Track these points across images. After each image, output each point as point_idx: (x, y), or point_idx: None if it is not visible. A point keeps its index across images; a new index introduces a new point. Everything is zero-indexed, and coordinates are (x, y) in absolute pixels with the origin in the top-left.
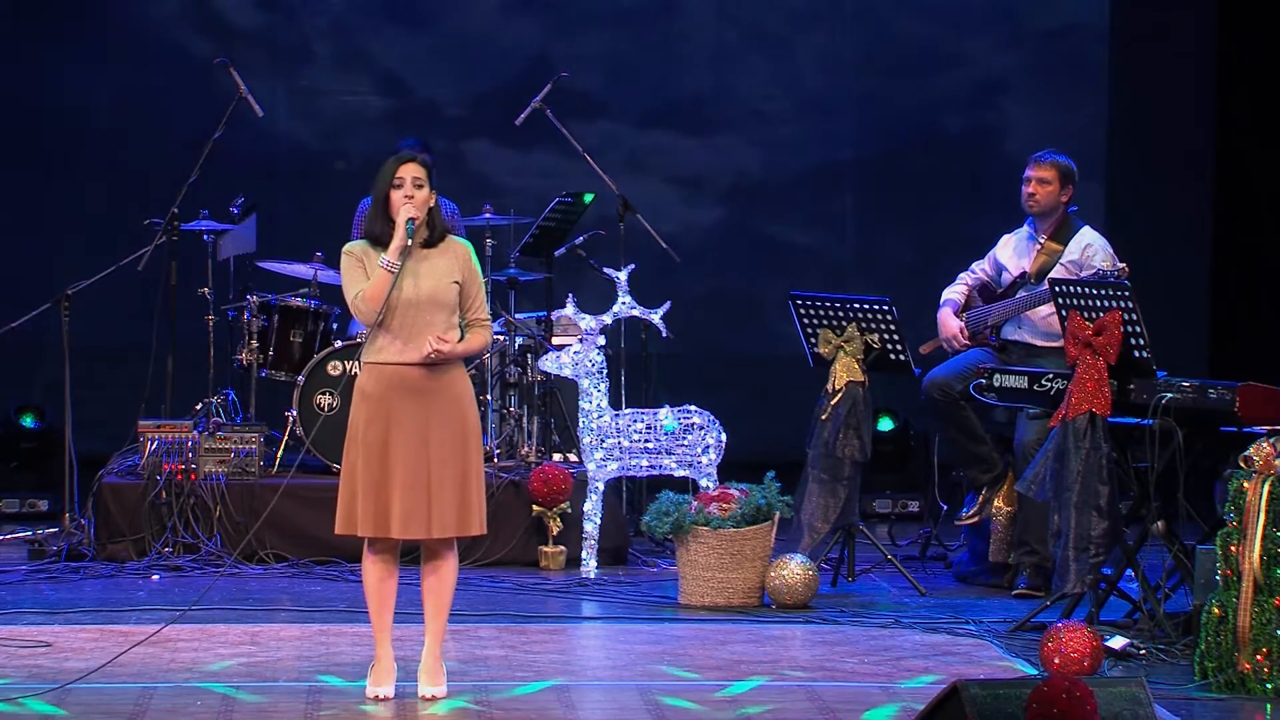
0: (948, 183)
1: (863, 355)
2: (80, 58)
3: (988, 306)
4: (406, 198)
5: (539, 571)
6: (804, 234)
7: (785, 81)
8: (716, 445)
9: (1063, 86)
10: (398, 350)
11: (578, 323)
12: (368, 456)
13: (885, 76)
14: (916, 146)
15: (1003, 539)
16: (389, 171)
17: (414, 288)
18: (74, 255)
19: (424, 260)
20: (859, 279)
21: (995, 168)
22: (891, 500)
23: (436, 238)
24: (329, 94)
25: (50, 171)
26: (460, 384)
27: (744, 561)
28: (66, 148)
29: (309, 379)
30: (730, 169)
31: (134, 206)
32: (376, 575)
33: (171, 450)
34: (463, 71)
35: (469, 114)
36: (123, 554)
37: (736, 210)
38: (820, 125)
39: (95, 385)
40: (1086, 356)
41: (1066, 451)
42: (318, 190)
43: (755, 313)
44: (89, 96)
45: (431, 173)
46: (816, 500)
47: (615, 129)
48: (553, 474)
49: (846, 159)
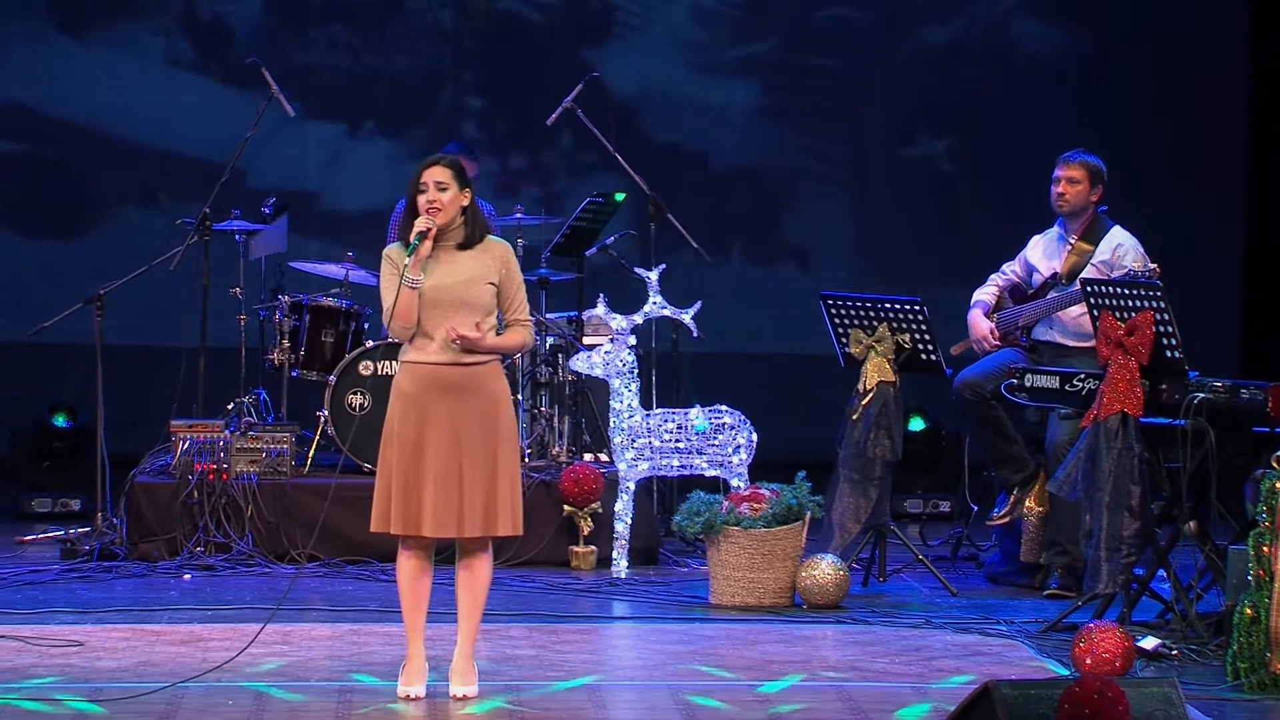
0: (978, 178)
1: (894, 355)
2: (110, 54)
3: (1018, 307)
4: (429, 203)
5: (570, 571)
6: (833, 231)
7: (819, 75)
8: (747, 445)
9: (1098, 83)
10: (433, 350)
11: (609, 322)
12: (402, 454)
13: (918, 63)
14: (948, 141)
15: (1034, 539)
16: (416, 176)
17: (446, 289)
18: (106, 255)
19: (458, 261)
20: (890, 278)
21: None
22: (923, 500)
23: (474, 238)
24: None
25: (82, 172)
26: (496, 384)
27: (775, 561)
28: (99, 148)
29: (340, 378)
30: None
31: (166, 206)
32: (410, 574)
33: (203, 450)
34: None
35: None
36: (155, 553)
37: (767, 209)
38: (851, 118)
39: (127, 385)
40: (1118, 357)
41: (1098, 452)
42: (347, 194)
43: (787, 313)
44: (120, 95)
45: (461, 173)
46: (848, 500)
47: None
48: (584, 474)
49: (878, 153)
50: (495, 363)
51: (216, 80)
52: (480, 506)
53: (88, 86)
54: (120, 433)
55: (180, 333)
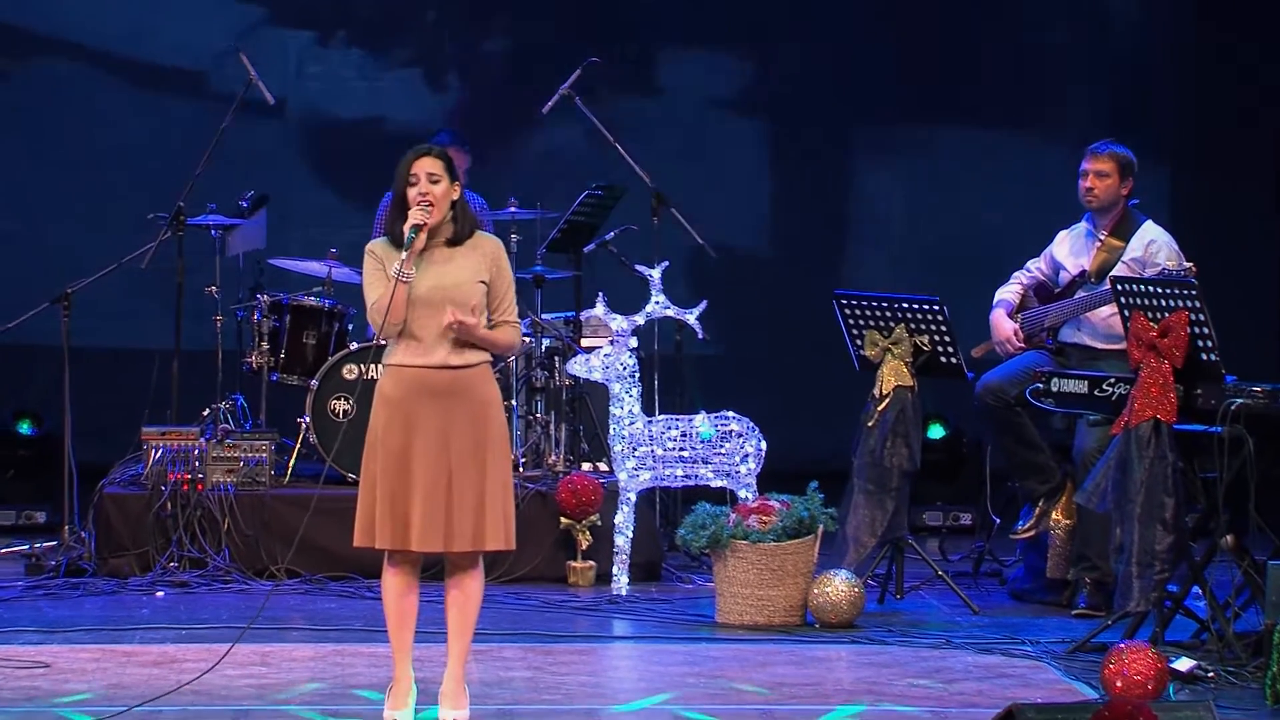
0: (1006, 177)
1: (911, 358)
2: (75, 36)
3: (1044, 307)
4: (420, 195)
5: (567, 588)
6: (848, 229)
7: (826, 72)
8: (756, 454)
9: (1128, 76)
10: (419, 352)
11: (608, 323)
12: (386, 464)
13: (935, 65)
14: (970, 137)
15: (1061, 554)
16: (404, 167)
17: (434, 288)
18: (73, 252)
19: (447, 258)
20: (907, 276)
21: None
22: (942, 513)
23: (464, 233)
24: (347, 80)
25: (47, 163)
26: (486, 388)
27: (785, 578)
28: (65, 137)
29: (323, 383)
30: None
31: (137, 200)
32: (396, 591)
33: (177, 459)
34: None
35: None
36: (125, 569)
37: (775, 205)
38: (865, 111)
39: (96, 390)
40: (1151, 360)
41: (1129, 461)
42: (333, 183)
43: (797, 313)
44: (86, 79)
45: (451, 165)
46: (863, 512)
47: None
48: (582, 484)
49: (892, 148)
50: (486, 365)
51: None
52: (470, 519)
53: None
54: (89, 441)
55: (153, 334)
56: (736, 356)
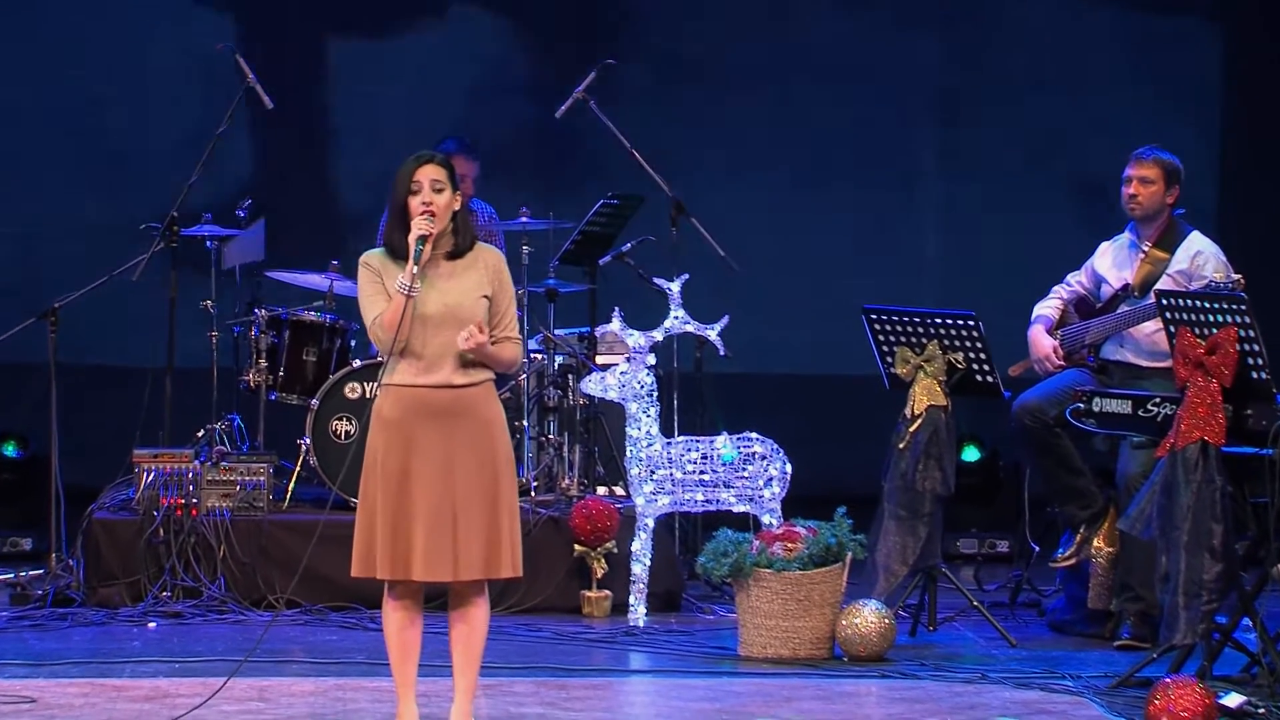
0: (1042, 183)
1: (945, 376)
2: (63, 41)
3: (1085, 323)
4: (424, 204)
5: (581, 619)
6: (879, 239)
7: (860, 72)
8: (780, 477)
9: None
10: (419, 371)
11: (625, 339)
12: (387, 489)
13: (972, 67)
14: (1005, 141)
15: (1103, 583)
16: (406, 174)
17: (436, 303)
18: (61, 264)
19: (448, 272)
20: (940, 290)
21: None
22: (978, 539)
23: (464, 246)
24: (351, 84)
25: (33, 171)
26: (490, 407)
27: (812, 608)
28: (52, 144)
29: (324, 402)
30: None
31: (129, 209)
32: (398, 623)
33: (170, 482)
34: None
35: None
36: (115, 599)
37: (802, 215)
38: (897, 117)
39: (84, 410)
40: (1198, 378)
41: (1175, 485)
42: (334, 191)
43: (824, 328)
44: (75, 85)
45: (453, 173)
46: (893, 539)
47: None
48: (597, 510)
49: (927, 153)
50: (489, 383)
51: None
52: (478, 545)
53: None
54: (77, 463)
55: (144, 351)
56: (760, 374)
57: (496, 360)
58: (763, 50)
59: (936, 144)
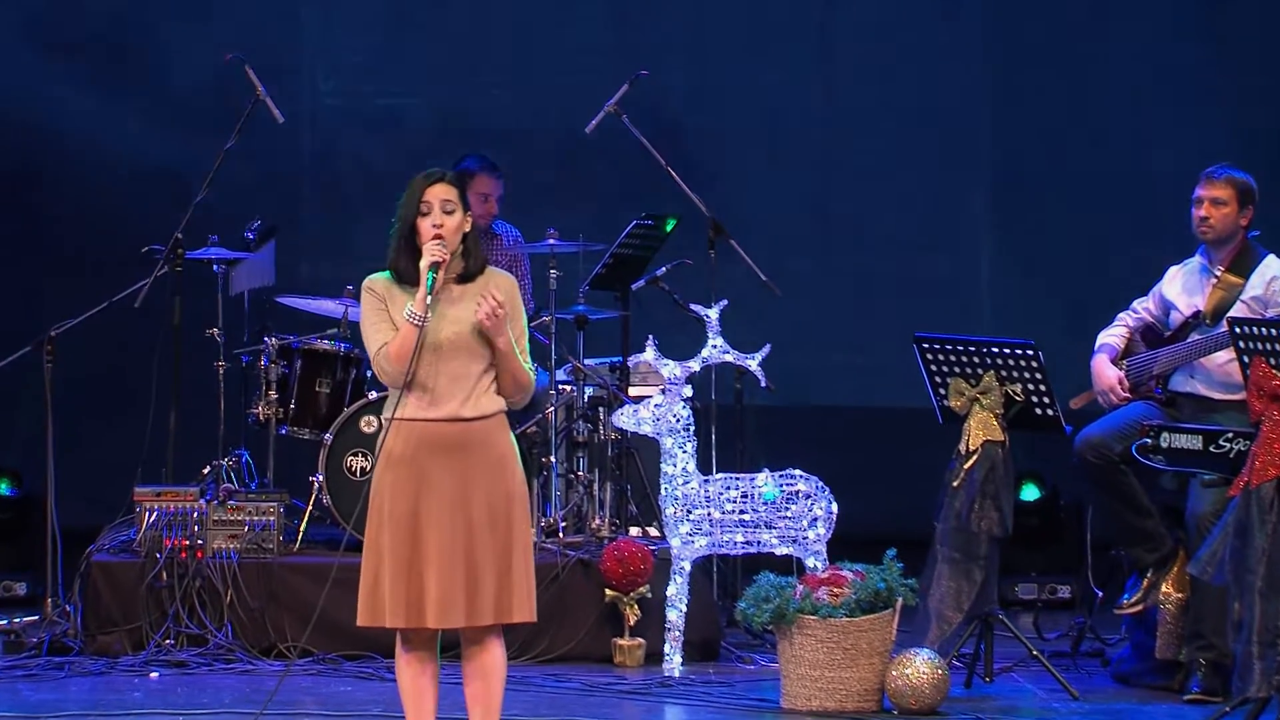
0: (1107, 198)
1: (1002, 409)
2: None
3: (1153, 352)
4: (435, 227)
5: (613, 669)
6: (930, 265)
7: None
8: (826, 517)
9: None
10: (426, 404)
11: (659, 370)
12: (395, 532)
13: (1020, 88)
14: (1062, 164)
15: (1172, 631)
16: (414, 194)
17: (446, 331)
18: (58, 288)
19: (458, 299)
20: (994, 318)
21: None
22: (1037, 584)
23: (474, 269)
24: (363, 97)
25: (31, 190)
26: (502, 441)
27: (859, 658)
28: (50, 163)
29: (338, 437)
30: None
31: (129, 231)
32: (412, 674)
33: (174, 523)
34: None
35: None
36: (115, 647)
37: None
38: (947, 140)
39: (83, 444)
40: (1274, 412)
41: (1250, 526)
42: (348, 212)
43: (872, 358)
44: (75, 102)
45: (464, 194)
46: (947, 584)
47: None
48: (629, 552)
49: (979, 177)
50: (501, 416)
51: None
52: (493, 589)
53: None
54: (74, 502)
55: (146, 382)
56: (804, 407)
57: (510, 363)
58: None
59: (988, 156)
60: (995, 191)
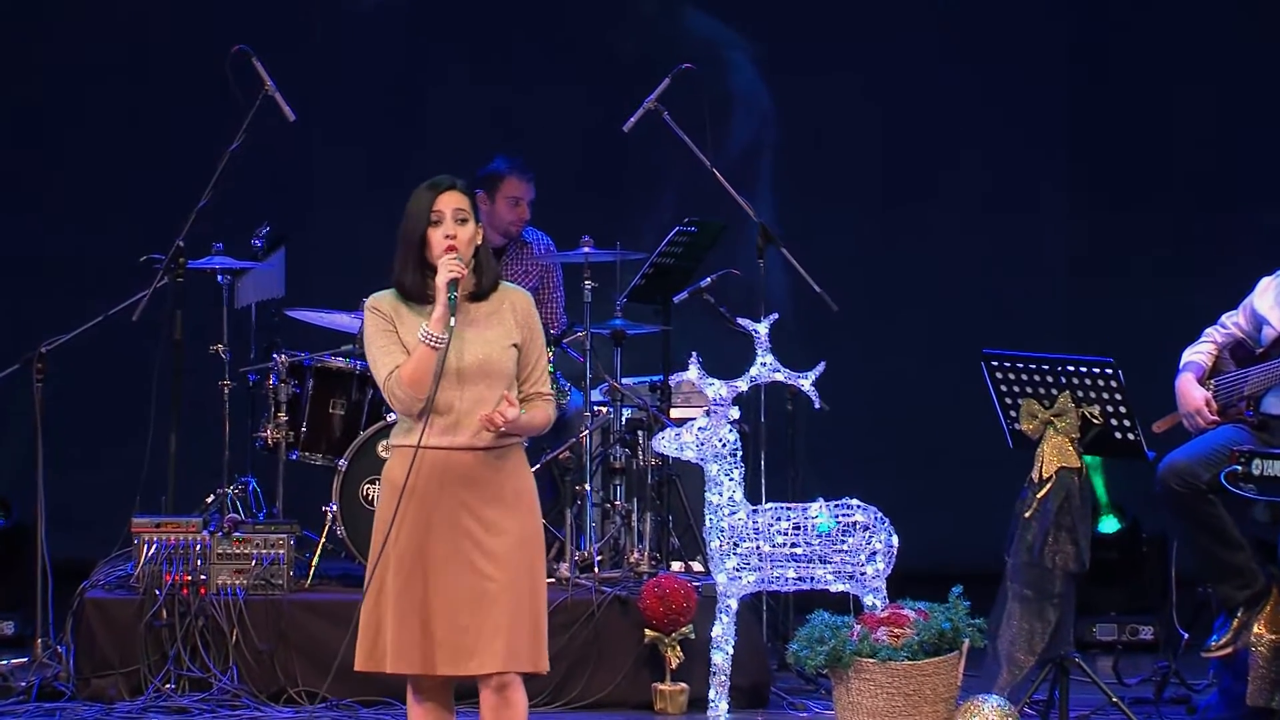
0: (1193, 208)
1: (1079, 433)
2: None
3: (1243, 371)
4: (448, 238)
5: (653, 716)
6: (996, 276)
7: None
8: (885, 551)
9: None
10: (439, 431)
11: (703, 390)
12: (400, 570)
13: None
14: (1145, 169)
15: (1265, 676)
16: (423, 204)
17: (460, 353)
18: (50, 301)
19: (472, 318)
20: (1068, 333)
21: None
22: (1117, 625)
23: (488, 286)
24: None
25: (19, 196)
26: (520, 476)
27: (923, 704)
28: (40, 166)
29: (353, 463)
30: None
31: (127, 238)
32: None
33: (175, 556)
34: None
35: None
36: (111, 691)
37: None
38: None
39: (76, 470)
40: None
41: None
42: (364, 219)
43: (935, 377)
44: (69, 97)
45: (475, 203)
46: (1018, 624)
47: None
48: (671, 588)
49: (1050, 181)
50: (518, 444)
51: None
52: (503, 633)
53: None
54: (66, 534)
55: (145, 403)
56: (862, 431)
57: (529, 429)
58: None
59: (1065, 161)
60: (1072, 196)
